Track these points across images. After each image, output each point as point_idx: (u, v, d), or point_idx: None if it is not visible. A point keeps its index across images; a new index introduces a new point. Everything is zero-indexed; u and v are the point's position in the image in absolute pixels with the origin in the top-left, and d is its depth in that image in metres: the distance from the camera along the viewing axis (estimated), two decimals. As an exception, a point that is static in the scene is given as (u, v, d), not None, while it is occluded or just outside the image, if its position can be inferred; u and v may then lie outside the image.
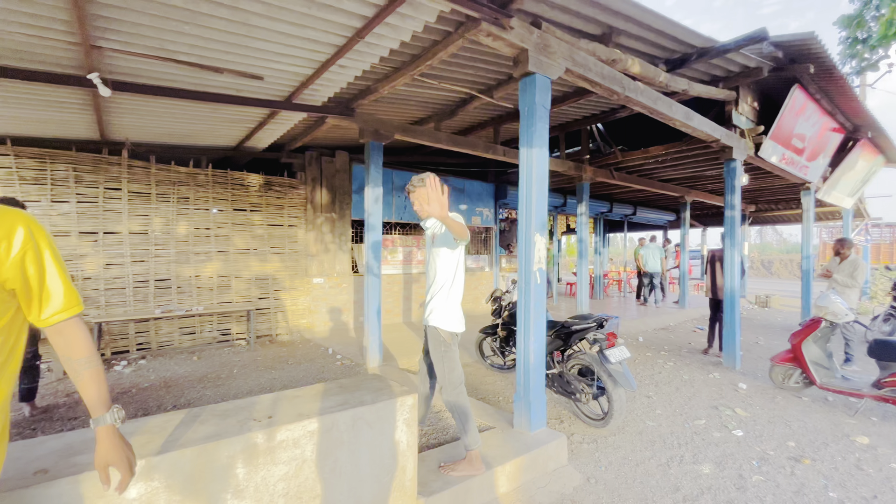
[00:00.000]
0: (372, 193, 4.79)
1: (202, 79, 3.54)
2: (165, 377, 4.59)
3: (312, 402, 1.89)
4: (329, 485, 1.76)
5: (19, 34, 2.64)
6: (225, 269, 6.25)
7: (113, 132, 5.01)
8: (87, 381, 1.05)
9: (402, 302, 7.92)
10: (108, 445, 1.07)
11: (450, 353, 2.40)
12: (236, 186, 6.37)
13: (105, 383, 1.09)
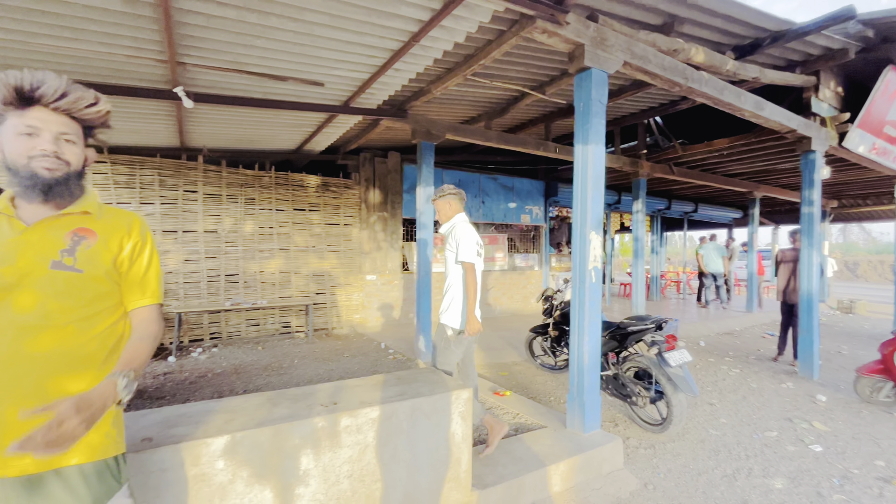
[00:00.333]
0: (423, 193, 4.89)
1: (269, 87, 3.80)
2: (235, 364, 4.98)
3: (373, 392, 1.99)
4: (389, 470, 1.85)
5: (120, 55, 2.98)
6: (286, 265, 6.64)
7: (191, 140, 5.49)
8: (133, 348, 1.08)
9: (451, 300, 8.00)
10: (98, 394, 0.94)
11: (450, 348, 2.67)
12: (296, 188, 6.74)
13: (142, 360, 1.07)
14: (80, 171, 1.06)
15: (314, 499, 1.68)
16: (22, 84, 0.96)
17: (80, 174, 1.07)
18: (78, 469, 0.98)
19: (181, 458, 1.43)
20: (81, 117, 1.04)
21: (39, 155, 0.98)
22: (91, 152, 1.11)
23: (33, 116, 0.98)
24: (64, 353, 0.99)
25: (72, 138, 1.02)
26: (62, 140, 1.01)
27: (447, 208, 2.82)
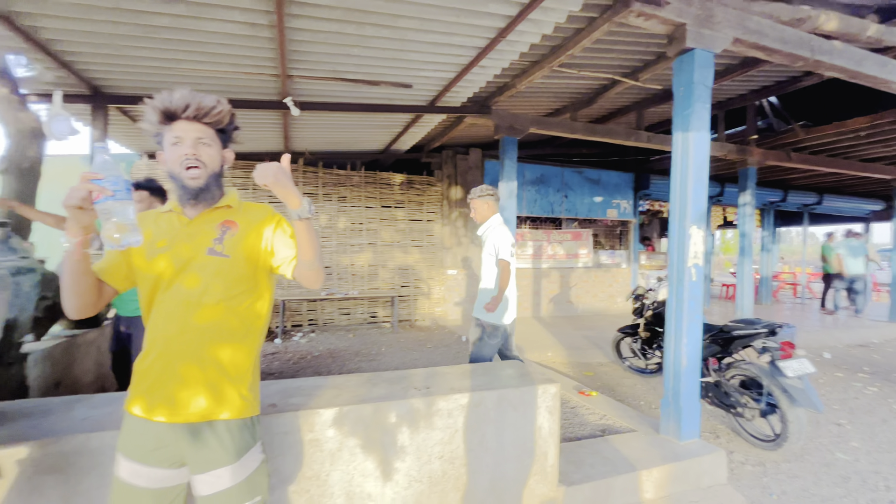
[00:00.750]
0: (506, 188, 4.89)
1: (362, 92, 4.07)
2: (330, 349, 5.44)
3: (462, 380, 2.07)
4: (476, 456, 1.92)
5: (242, 74, 3.41)
6: (374, 259, 7.07)
7: (294, 144, 6.08)
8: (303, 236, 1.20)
9: (531, 296, 7.90)
10: (294, 189, 1.13)
11: (485, 341, 2.88)
12: (383, 185, 7.13)
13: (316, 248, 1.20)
14: (218, 172, 1.25)
15: (408, 474, 1.80)
16: (163, 105, 1.15)
17: (219, 174, 1.26)
18: (225, 423, 1.18)
19: (299, 424, 1.63)
20: (211, 121, 1.22)
21: (185, 160, 1.17)
22: (229, 153, 1.29)
23: (177, 128, 1.17)
24: (216, 326, 1.19)
25: (206, 141, 1.20)
26: (199, 144, 1.19)
27: (484, 208, 2.96)
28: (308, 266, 1.22)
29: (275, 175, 1.10)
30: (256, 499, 1.21)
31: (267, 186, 1.10)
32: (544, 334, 6.29)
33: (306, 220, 1.15)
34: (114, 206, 0.96)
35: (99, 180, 0.96)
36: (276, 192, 1.11)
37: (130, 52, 3.04)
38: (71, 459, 1.37)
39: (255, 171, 1.10)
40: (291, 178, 1.13)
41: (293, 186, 1.12)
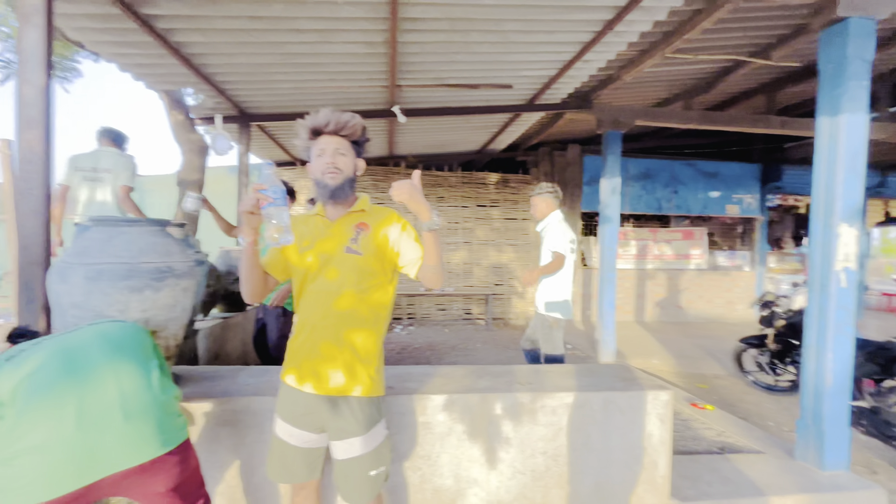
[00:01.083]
0: (608, 184, 4.68)
1: (462, 96, 4.22)
2: (428, 342, 5.72)
3: (565, 379, 2.07)
4: (581, 456, 1.91)
5: (357, 87, 3.77)
6: (469, 257, 7.24)
7: (397, 148, 6.50)
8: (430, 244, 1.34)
9: (635, 299, 7.41)
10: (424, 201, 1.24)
11: (553, 335, 2.97)
12: (478, 185, 7.27)
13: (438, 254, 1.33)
14: (352, 178, 1.43)
15: (512, 465, 1.86)
16: (312, 123, 1.37)
17: (353, 180, 1.44)
18: (356, 399, 1.36)
19: (413, 406, 1.78)
20: (346, 134, 1.40)
21: (326, 167, 1.37)
22: (361, 162, 1.47)
23: (321, 142, 1.38)
24: (351, 313, 1.37)
25: (343, 151, 1.39)
26: (337, 154, 1.38)
27: (543, 206, 3.07)
28: (432, 270, 1.35)
29: (409, 192, 1.23)
30: (381, 468, 1.37)
31: (402, 201, 1.23)
32: (649, 340, 5.87)
33: (434, 232, 1.28)
34: (274, 212, 1.18)
35: (264, 190, 1.18)
36: (410, 206, 1.23)
37: (270, 76, 3.55)
38: (239, 416, 1.69)
39: (392, 188, 1.24)
40: (422, 193, 1.25)
41: (424, 200, 1.24)
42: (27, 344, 1.18)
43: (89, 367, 1.11)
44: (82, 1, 2.34)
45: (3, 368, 1.08)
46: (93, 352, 1.15)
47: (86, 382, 1.07)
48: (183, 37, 2.82)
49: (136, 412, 1.10)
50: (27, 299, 1.73)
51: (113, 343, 1.20)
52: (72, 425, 1.00)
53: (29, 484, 0.95)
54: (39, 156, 1.72)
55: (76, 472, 0.99)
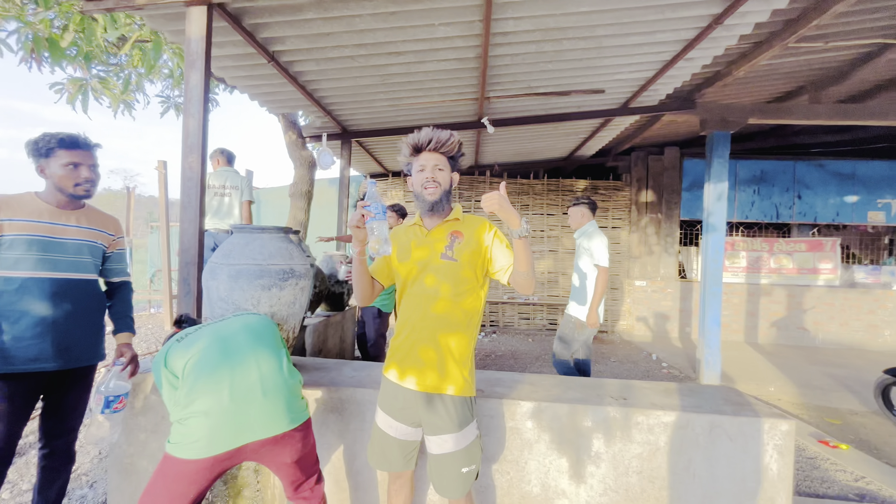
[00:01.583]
0: (714, 190, 4.28)
1: (551, 104, 4.18)
2: (511, 350, 5.69)
3: (663, 397, 1.95)
4: (681, 482, 1.78)
5: (449, 101, 3.95)
6: (554, 266, 7.07)
7: (483, 158, 6.62)
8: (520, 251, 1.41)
9: (745, 317, 6.62)
10: (512, 210, 1.34)
11: (574, 337, 3.09)
12: (565, 192, 7.08)
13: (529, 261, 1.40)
14: (448, 190, 1.53)
15: (603, 481, 1.80)
16: (413, 141, 1.50)
17: (449, 192, 1.54)
18: (451, 398, 1.43)
19: (502, 410, 1.82)
20: (445, 151, 1.50)
21: (426, 181, 1.48)
22: (456, 175, 1.57)
23: (422, 158, 1.50)
24: (446, 316, 1.46)
25: (441, 167, 1.50)
26: (436, 169, 1.49)
27: (579, 216, 3.16)
28: (523, 276, 1.40)
29: (499, 202, 1.31)
30: (472, 466, 1.43)
31: (493, 211, 1.31)
32: (763, 364, 5.20)
33: (524, 238, 1.34)
34: (375, 226, 1.32)
35: (367, 206, 1.32)
36: (501, 215, 1.32)
37: (369, 96, 3.87)
38: (344, 405, 1.87)
39: (483, 199, 1.33)
40: (510, 203, 1.33)
41: (513, 210, 1.32)
42: (191, 329, 1.45)
43: (238, 352, 1.35)
44: (227, 45, 2.80)
45: (176, 348, 1.36)
46: (240, 339, 1.39)
47: (236, 364, 1.31)
48: (301, 67, 3.22)
49: (272, 391, 1.31)
50: (185, 292, 2.10)
51: (254, 332, 1.44)
52: (227, 398, 1.23)
53: (197, 441, 1.18)
54: (197, 175, 2.10)
55: (230, 435, 1.22)
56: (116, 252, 1.82)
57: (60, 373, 1.62)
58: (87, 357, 1.70)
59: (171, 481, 1.20)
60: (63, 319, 1.59)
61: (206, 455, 1.19)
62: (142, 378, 1.91)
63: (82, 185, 1.63)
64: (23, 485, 2.16)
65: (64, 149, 1.59)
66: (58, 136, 1.61)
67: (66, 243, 1.61)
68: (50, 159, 1.59)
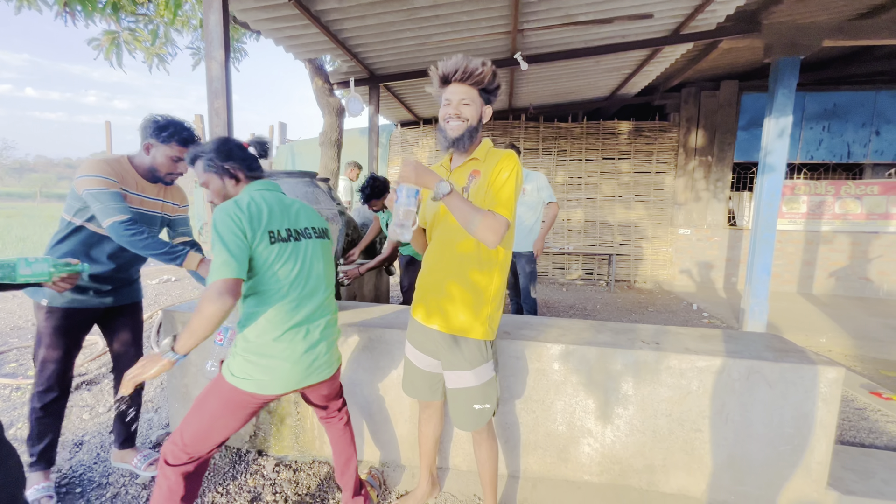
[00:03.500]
0: (775, 125, 3.86)
1: (591, 35, 3.82)
2: (545, 300, 5.67)
3: (698, 342, 1.88)
4: (713, 426, 1.75)
5: (479, 37, 3.69)
6: (592, 214, 6.82)
7: (517, 100, 6.27)
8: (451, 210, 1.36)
9: (800, 267, 6.20)
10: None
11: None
12: (606, 136, 6.66)
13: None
14: (474, 127, 1.43)
15: (631, 423, 1.80)
16: (441, 71, 1.38)
17: (475, 129, 1.44)
18: (465, 339, 1.43)
19: (528, 353, 1.82)
20: (474, 82, 1.38)
21: (448, 117, 1.39)
22: (488, 109, 1.46)
23: (448, 91, 1.39)
24: (469, 255, 1.42)
25: (468, 101, 1.38)
26: (462, 104, 1.38)
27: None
28: (468, 230, 1.30)
29: (415, 172, 1.29)
30: (486, 405, 1.45)
31: (411, 182, 1.28)
32: (816, 315, 4.91)
33: (448, 197, 1.28)
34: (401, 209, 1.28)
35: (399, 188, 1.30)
36: (419, 183, 1.29)
37: (396, 35, 3.68)
38: (374, 344, 1.94)
39: (398, 175, 1.32)
40: (425, 168, 1.31)
41: (429, 174, 1.30)
42: (276, 200, 1.41)
43: (315, 293, 1.41)
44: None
45: (277, 217, 1.36)
46: (316, 273, 1.43)
47: (314, 307, 1.40)
48: (322, 5, 3.08)
49: (330, 341, 1.46)
50: (221, 238, 2.19)
51: (325, 266, 1.47)
52: (302, 347, 1.35)
53: (271, 381, 1.31)
54: (224, 121, 2.11)
55: (298, 380, 1.35)
56: (179, 217, 1.95)
57: (112, 308, 1.81)
58: (131, 297, 1.89)
59: (234, 408, 1.30)
60: (120, 270, 1.78)
61: (275, 393, 1.31)
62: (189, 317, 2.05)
63: (174, 175, 1.78)
64: (99, 408, 2.44)
65: (179, 144, 1.71)
66: (181, 130, 1.72)
67: (150, 216, 1.79)
68: (163, 146, 1.70)
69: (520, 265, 3.46)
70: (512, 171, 1.37)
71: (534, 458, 1.90)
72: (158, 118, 1.70)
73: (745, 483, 1.76)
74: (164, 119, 1.70)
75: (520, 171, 1.41)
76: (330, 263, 1.51)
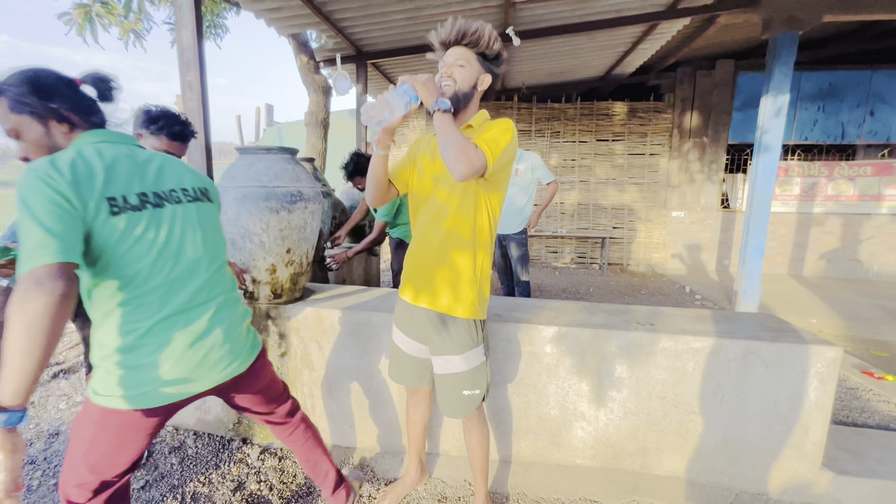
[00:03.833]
0: (772, 104, 3.78)
1: (585, 8, 3.69)
2: (538, 283, 5.63)
3: (693, 323, 1.83)
4: (707, 407, 1.71)
5: (469, 11, 3.54)
6: (585, 197, 6.75)
7: (510, 80, 6.12)
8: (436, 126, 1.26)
9: (792, 249, 6.21)
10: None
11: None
12: (601, 117, 6.54)
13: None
14: (466, 92, 1.30)
15: (624, 405, 1.76)
16: (439, 36, 1.30)
17: (468, 94, 1.31)
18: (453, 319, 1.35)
19: (520, 335, 1.76)
20: (469, 42, 1.28)
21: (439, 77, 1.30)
22: (486, 76, 1.34)
23: (447, 55, 1.31)
24: (455, 233, 1.34)
25: (462, 63, 1.28)
26: (455, 66, 1.29)
27: None
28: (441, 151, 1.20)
29: (426, 79, 1.21)
30: (475, 391, 1.39)
31: (414, 85, 1.20)
32: (807, 296, 4.93)
33: (438, 113, 1.21)
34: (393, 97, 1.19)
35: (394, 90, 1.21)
36: (422, 92, 1.20)
37: (383, 9, 3.51)
38: (360, 328, 1.86)
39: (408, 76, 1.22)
40: (435, 84, 1.24)
41: (435, 89, 1.22)
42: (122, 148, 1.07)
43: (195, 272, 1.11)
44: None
45: (115, 181, 1.00)
46: (194, 251, 1.12)
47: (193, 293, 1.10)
48: (304, -26, 2.91)
49: (231, 332, 1.17)
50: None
51: (210, 237, 1.17)
52: (184, 343, 1.05)
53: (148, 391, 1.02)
54: (198, 94, 1.98)
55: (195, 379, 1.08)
56: None
57: None
58: None
59: (118, 432, 1.01)
60: None
61: (160, 404, 1.03)
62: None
63: None
64: (76, 397, 2.36)
65: (169, 139, 1.61)
66: (173, 124, 1.60)
67: None
68: (153, 136, 1.60)
69: (510, 248, 3.39)
70: (506, 128, 1.26)
71: (525, 442, 1.86)
72: (152, 108, 1.61)
73: (739, 464, 1.74)
74: (157, 110, 1.62)
75: (514, 136, 1.31)
76: (215, 232, 1.20)
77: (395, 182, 1.45)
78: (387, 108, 1.18)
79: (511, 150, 1.28)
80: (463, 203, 1.32)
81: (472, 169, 1.15)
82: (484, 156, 1.18)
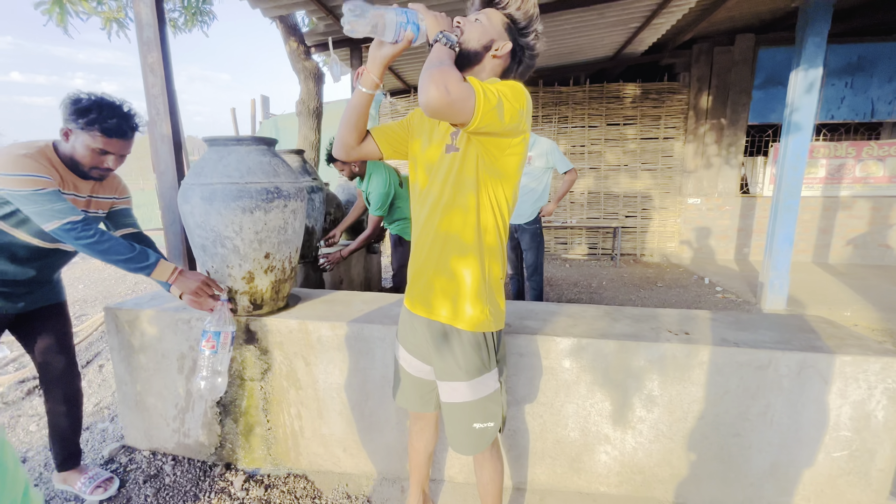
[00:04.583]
0: (803, 80, 3.46)
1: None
2: (548, 276, 5.38)
3: (735, 331, 1.58)
4: (755, 429, 1.47)
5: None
6: (595, 185, 6.45)
7: (515, 63, 5.80)
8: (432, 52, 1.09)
9: (816, 235, 5.88)
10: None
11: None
12: (611, 99, 6.21)
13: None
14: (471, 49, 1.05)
15: (656, 427, 1.53)
16: None
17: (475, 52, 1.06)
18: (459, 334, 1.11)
19: (534, 348, 1.53)
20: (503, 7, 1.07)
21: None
22: (505, 45, 1.07)
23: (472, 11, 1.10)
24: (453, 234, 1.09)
25: (481, 19, 1.06)
26: (472, 21, 1.06)
27: None
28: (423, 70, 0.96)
29: (436, 13, 1.03)
30: (488, 424, 1.16)
31: (419, 12, 1.00)
32: (835, 286, 4.63)
33: (438, 44, 0.99)
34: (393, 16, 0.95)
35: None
36: (428, 23, 1.00)
37: (376, -15, 3.24)
38: (350, 342, 1.64)
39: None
40: (447, 19, 1.05)
41: (439, 23, 1.02)
42: None
43: None
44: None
45: None
46: None
47: None
48: (286, -53, 2.65)
49: None
50: (170, 220, 1.86)
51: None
52: None
53: None
54: (161, 80, 1.75)
55: None
56: (121, 209, 1.62)
57: (25, 314, 1.51)
58: (50, 298, 1.58)
59: None
60: (35, 277, 1.48)
61: None
62: (134, 315, 1.74)
63: (99, 171, 1.40)
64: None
65: (102, 134, 1.32)
66: (108, 116, 1.31)
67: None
68: (83, 132, 1.31)
69: (523, 240, 3.15)
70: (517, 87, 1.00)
71: (542, 468, 1.63)
72: (82, 97, 1.31)
73: (791, 493, 1.50)
74: (88, 99, 1.31)
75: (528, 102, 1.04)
76: None
77: (377, 137, 1.19)
78: (379, 20, 0.92)
79: (520, 118, 0.99)
80: (458, 197, 1.07)
81: (446, 98, 0.85)
82: (472, 94, 0.88)
